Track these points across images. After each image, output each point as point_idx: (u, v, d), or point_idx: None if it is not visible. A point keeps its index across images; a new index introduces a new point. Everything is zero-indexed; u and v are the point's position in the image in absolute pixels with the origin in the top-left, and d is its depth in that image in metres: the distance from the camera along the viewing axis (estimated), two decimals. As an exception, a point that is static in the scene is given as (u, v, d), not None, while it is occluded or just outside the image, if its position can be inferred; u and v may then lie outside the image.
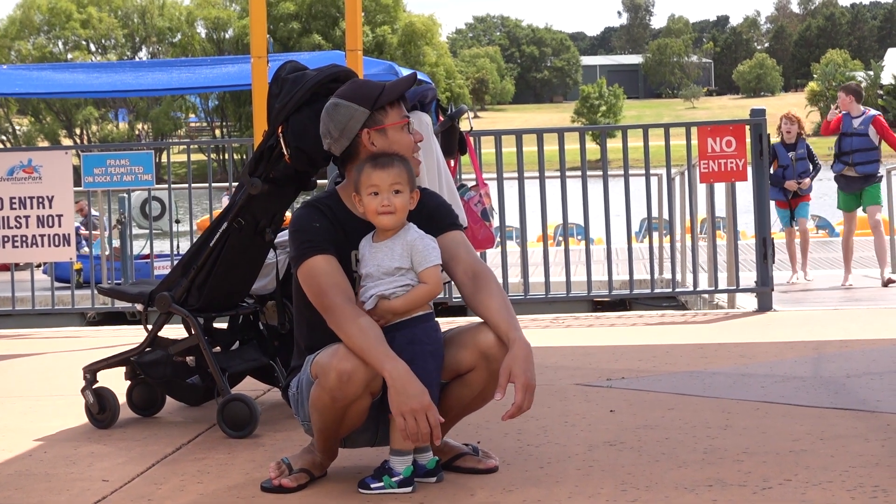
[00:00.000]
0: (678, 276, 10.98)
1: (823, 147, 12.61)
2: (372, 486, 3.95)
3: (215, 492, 4.18)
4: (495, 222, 7.32)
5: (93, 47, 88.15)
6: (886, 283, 11.63)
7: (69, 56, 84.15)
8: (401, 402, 3.79)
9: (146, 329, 5.50)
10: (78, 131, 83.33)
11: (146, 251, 15.56)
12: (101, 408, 5.46)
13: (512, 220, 12.17)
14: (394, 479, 3.96)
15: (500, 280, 9.81)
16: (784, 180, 12.55)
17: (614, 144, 10.40)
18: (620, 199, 9.62)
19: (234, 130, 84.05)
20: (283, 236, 5.29)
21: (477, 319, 4.16)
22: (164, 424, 5.48)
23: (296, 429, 4.90)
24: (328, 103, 4.23)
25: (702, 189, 10.08)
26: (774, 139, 12.16)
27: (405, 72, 14.35)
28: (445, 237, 4.12)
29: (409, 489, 3.97)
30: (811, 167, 12.65)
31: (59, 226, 9.65)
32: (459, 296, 4.27)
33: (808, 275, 12.82)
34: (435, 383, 3.95)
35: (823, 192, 19.85)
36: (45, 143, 75.82)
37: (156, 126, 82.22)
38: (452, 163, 6.55)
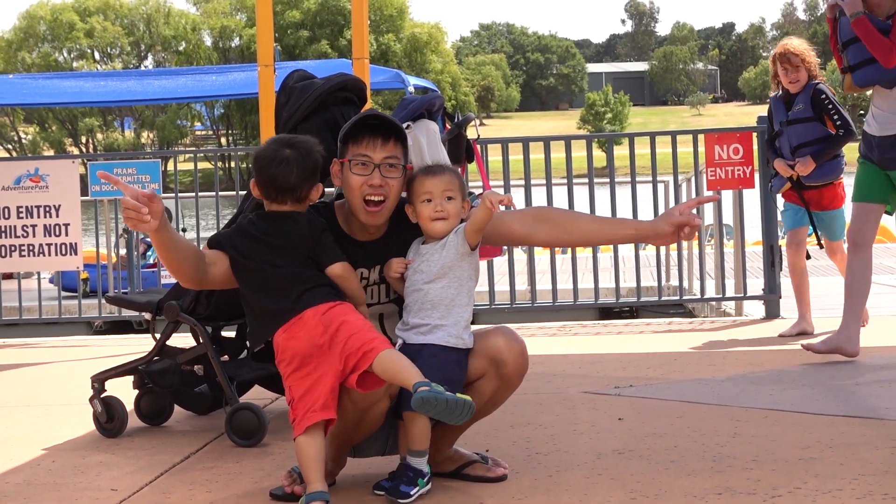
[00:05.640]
0: (685, 284, 10.97)
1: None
2: (412, 492, 3.94)
3: (224, 501, 4.18)
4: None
5: (97, 55, 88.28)
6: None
7: (74, 65, 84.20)
8: None
9: (154, 338, 5.51)
10: (83, 139, 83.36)
11: (153, 260, 15.59)
12: (109, 417, 5.46)
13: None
14: (424, 478, 3.98)
15: (507, 288, 9.82)
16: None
17: (621, 152, 10.38)
18: (627, 207, 9.60)
19: (240, 139, 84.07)
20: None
21: (485, 326, 4.18)
22: (173, 433, 5.49)
23: (304, 437, 4.90)
24: None
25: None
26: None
27: (412, 80, 14.42)
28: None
29: (430, 486, 4.02)
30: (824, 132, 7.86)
31: (66, 235, 9.64)
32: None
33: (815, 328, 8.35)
34: (459, 386, 3.98)
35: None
36: (51, 152, 75.84)
37: (161, 134, 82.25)
38: (460, 171, 6.53)
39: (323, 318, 3.86)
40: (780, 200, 8.55)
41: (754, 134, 9.35)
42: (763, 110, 8.95)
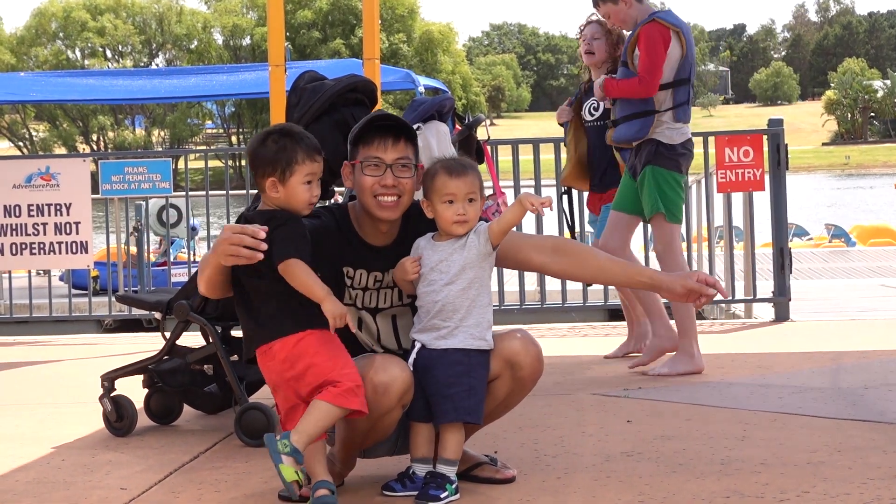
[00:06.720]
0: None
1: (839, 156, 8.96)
2: (442, 496, 3.94)
3: (233, 501, 4.19)
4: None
5: (109, 53, 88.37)
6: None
7: (85, 63, 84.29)
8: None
9: (164, 337, 5.52)
10: (94, 137, 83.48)
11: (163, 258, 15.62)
12: (118, 416, 5.47)
13: (528, 228, 12.14)
14: (453, 485, 3.98)
15: (517, 288, 9.82)
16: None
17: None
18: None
19: (251, 137, 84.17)
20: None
21: (502, 328, 4.20)
22: (182, 433, 5.50)
23: (313, 438, 4.90)
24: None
25: (718, 198, 10.05)
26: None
27: (422, 80, 14.44)
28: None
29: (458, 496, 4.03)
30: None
31: (77, 233, 9.66)
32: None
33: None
34: (482, 394, 4.01)
35: (837, 199, 19.25)
36: (62, 150, 75.92)
37: (172, 132, 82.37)
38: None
39: (290, 353, 3.85)
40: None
41: (765, 137, 9.34)
42: (774, 112, 8.92)
